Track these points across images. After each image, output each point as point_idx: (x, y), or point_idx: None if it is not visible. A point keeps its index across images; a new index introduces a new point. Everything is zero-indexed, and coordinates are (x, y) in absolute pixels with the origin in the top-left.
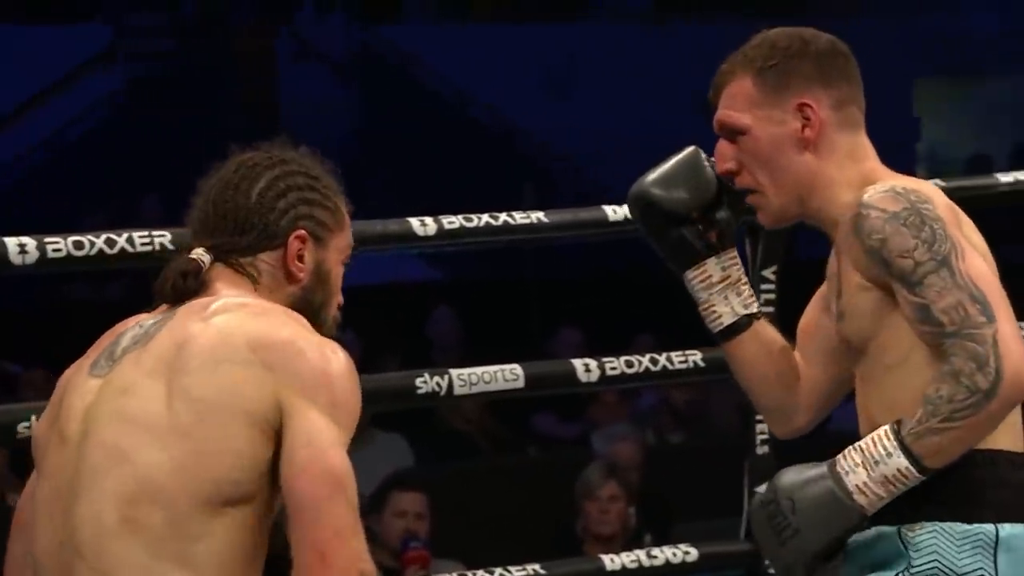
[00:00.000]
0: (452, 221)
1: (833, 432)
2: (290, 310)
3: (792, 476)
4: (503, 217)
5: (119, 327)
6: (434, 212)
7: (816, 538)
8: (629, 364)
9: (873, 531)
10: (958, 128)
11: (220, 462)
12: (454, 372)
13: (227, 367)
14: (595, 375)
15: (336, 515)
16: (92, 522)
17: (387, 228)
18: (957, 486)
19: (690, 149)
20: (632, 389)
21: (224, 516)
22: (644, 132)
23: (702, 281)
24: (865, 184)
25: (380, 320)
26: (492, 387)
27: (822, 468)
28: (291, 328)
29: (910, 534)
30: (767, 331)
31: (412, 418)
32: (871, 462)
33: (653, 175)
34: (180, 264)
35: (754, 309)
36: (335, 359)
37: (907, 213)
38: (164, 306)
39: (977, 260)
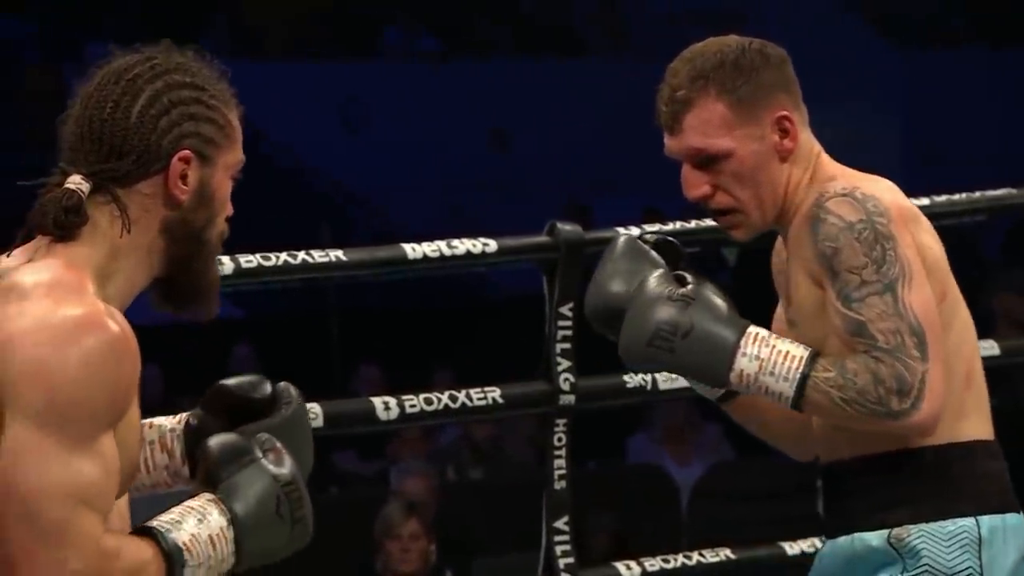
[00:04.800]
0: (250, 260)
1: None
2: (66, 287)
3: (713, 306)
4: (301, 255)
5: None
6: (230, 251)
7: (673, 367)
8: (428, 401)
9: (855, 539)
10: None
11: None
12: None
13: None
14: (394, 413)
15: (21, 537)
16: None
17: None
18: (937, 483)
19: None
20: (433, 425)
21: None
22: (438, 169)
23: None
24: (818, 179)
25: (180, 360)
26: None
27: (736, 327)
28: (21, 319)
29: (900, 539)
30: None
31: None
32: (768, 367)
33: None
34: (59, 196)
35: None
36: (68, 344)
37: (863, 226)
38: (25, 246)
39: (924, 292)
